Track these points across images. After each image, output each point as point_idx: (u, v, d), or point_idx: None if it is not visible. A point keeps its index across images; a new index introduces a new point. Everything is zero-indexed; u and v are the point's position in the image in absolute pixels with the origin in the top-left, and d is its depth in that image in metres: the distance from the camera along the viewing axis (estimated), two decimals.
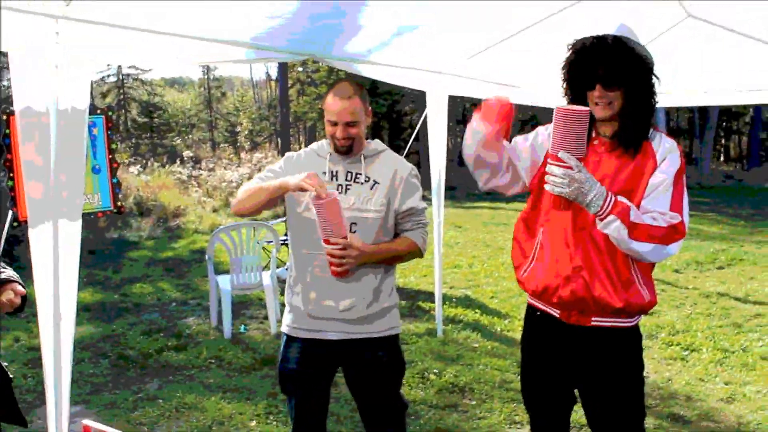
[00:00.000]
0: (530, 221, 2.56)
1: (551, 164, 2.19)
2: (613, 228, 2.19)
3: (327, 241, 2.49)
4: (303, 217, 2.67)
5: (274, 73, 35.75)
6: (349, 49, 3.75)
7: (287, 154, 2.84)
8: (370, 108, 2.72)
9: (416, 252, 2.76)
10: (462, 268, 8.91)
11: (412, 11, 3.34)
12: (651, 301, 2.39)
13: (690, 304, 6.96)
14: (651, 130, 2.36)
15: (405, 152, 5.43)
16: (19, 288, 2.25)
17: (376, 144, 2.80)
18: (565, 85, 2.40)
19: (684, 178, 2.33)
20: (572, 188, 2.16)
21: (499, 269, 8.68)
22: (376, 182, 2.69)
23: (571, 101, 2.38)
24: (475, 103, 2.81)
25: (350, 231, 2.60)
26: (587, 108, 2.19)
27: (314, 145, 2.84)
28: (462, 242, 10.95)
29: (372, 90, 22.37)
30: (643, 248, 2.20)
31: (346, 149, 2.66)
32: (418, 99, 20.31)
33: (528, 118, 22.70)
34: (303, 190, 2.49)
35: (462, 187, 18.12)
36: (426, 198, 3.01)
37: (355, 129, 2.62)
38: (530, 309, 2.62)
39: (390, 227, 2.71)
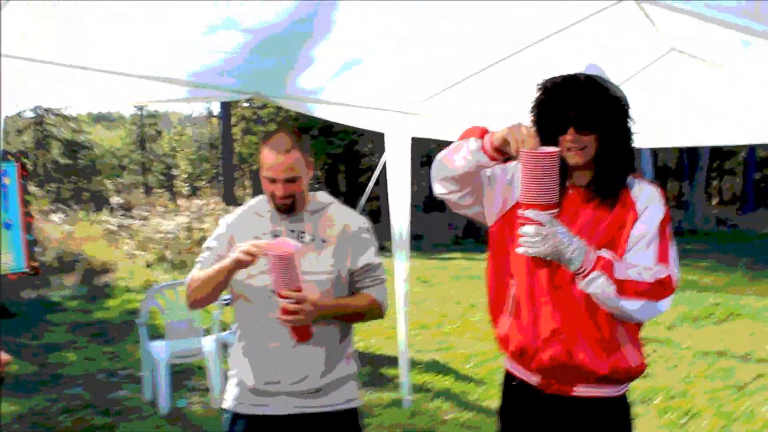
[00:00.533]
0: (498, 271, 2.56)
1: (521, 223, 2.17)
2: (597, 285, 2.18)
3: (281, 294, 2.47)
4: (246, 285, 2.67)
5: (216, 109, 35.78)
6: (301, 83, 3.79)
7: (221, 220, 2.86)
8: (311, 159, 2.74)
9: (377, 310, 2.77)
10: (430, 328, 8.88)
11: (357, 44, 3.39)
12: (640, 365, 2.40)
13: (686, 364, 7.02)
14: (629, 176, 2.38)
15: (365, 198, 5.45)
16: (3, 356, 2.12)
17: (322, 197, 2.83)
18: (534, 129, 2.36)
19: (669, 228, 2.34)
20: (548, 245, 2.13)
21: (473, 329, 8.68)
22: (323, 241, 2.70)
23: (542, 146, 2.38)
24: (441, 143, 2.80)
25: None
26: (557, 148, 2.17)
27: (252, 202, 2.85)
28: (430, 299, 10.94)
29: (327, 129, 22.48)
30: (631, 306, 2.20)
31: (288, 207, 2.68)
32: (378, 138, 20.43)
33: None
34: (245, 264, 2.50)
35: (429, 236, 18.08)
36: (387, 250, 3.03)
37: (296, 185, 2.63)
38: (507, 376, 2.63)
39: (343, 287, 2.72)
